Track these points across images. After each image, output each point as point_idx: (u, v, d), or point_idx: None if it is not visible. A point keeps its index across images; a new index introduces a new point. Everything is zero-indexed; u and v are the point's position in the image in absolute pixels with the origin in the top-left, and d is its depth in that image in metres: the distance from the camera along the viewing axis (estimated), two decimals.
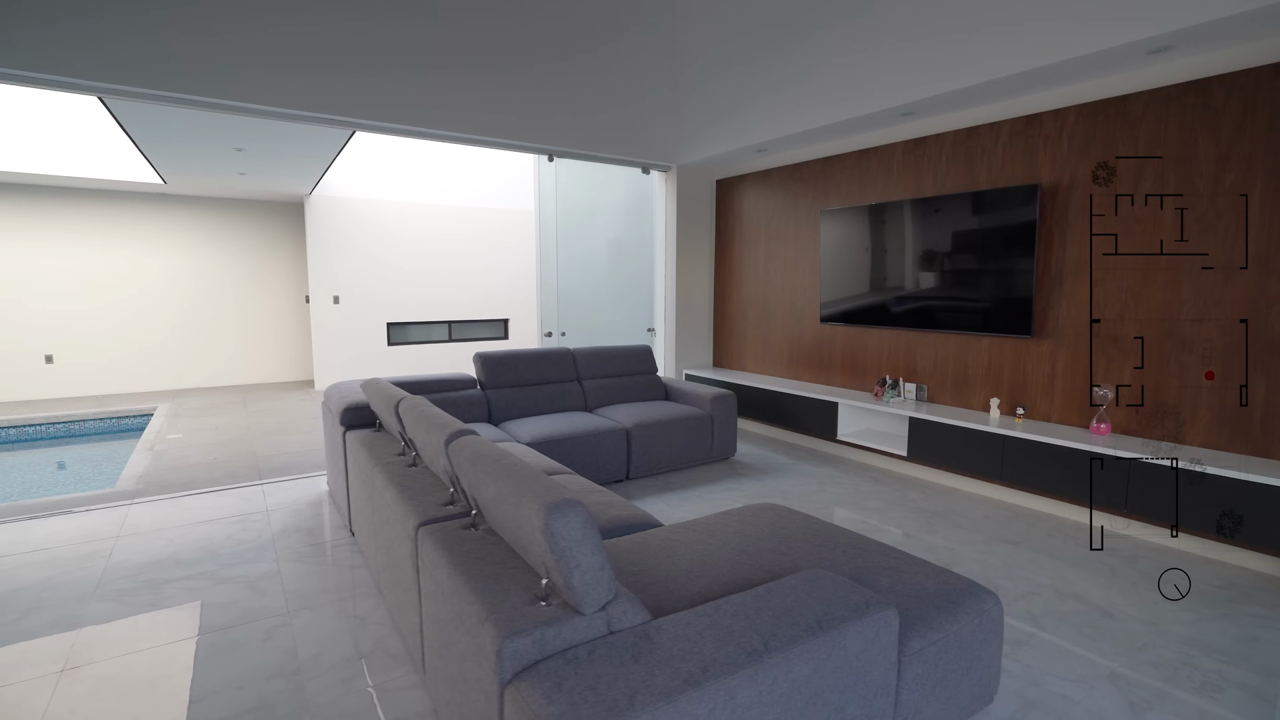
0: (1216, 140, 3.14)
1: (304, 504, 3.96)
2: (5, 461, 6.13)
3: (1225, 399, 3.17)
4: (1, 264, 7.35)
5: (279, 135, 5.18)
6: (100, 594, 2.79)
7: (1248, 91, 3.03)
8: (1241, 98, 3.05)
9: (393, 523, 2.29)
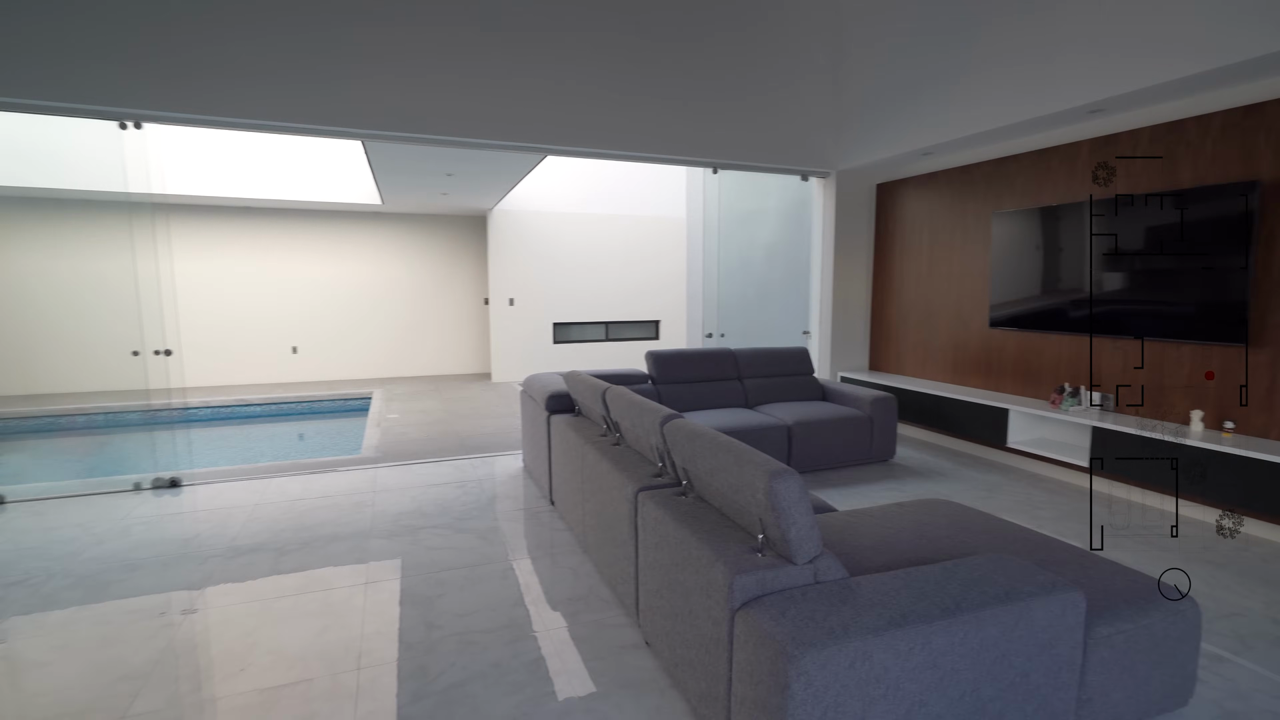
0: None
1: (505, 477, 4.66)
2: (265, 430, 7.68)
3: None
4: (262, 272, 9.15)
5: (483, 161, 6.05)
6: (375, 533, 3.58)
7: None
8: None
9: (608, 490, 2.76)
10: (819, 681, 1.46)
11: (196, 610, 2.73)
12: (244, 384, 9.13)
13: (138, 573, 3.10)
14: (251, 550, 3.34)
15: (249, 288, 9.09)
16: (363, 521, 3.75)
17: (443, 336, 10.24)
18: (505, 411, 7.12)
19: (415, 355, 10.11)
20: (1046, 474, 4.59)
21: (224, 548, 3.38)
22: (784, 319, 6.65)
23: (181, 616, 2.68)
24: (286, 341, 9.38)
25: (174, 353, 4.76)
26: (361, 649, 2.42)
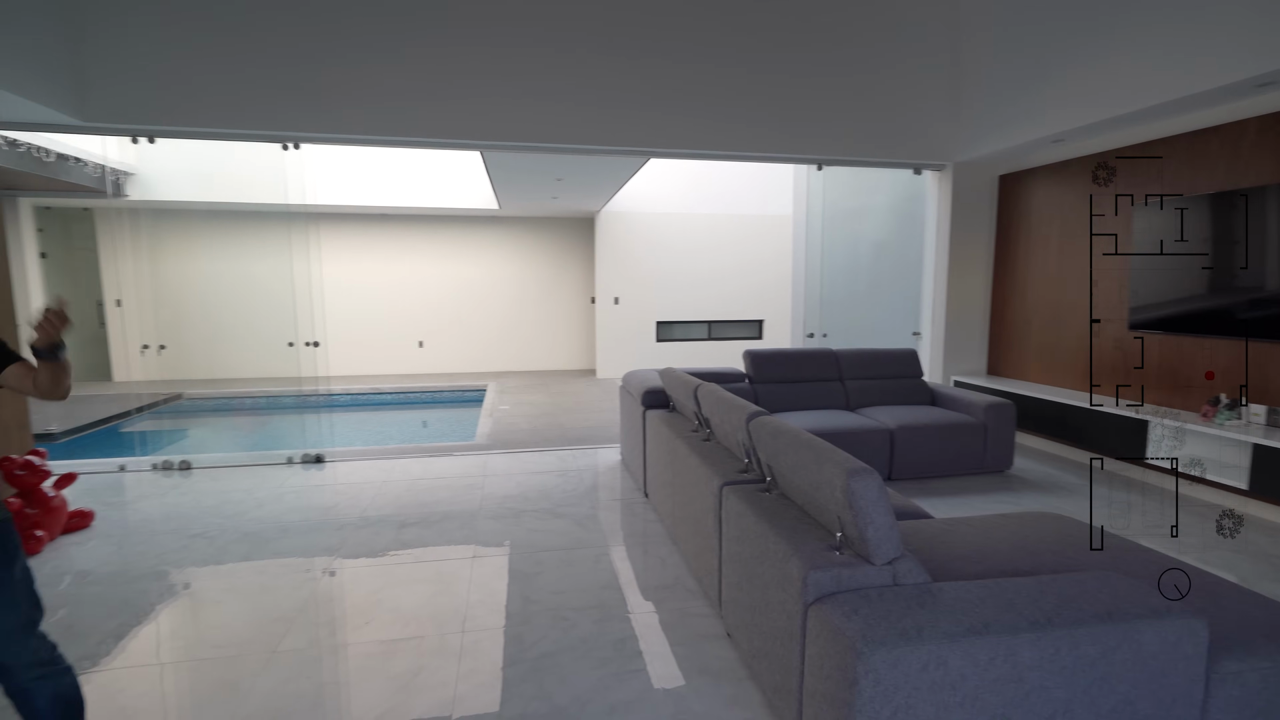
0: None
1: (603, 468, 4.85)
2: (393, 416, 8.45)
3: None
4: (395, 273, 10.07)
5: (590, 165, 6.31)
6: (483, 514, 3.88)
7: None
8: None
9: (696, 483, 2.84)
10: (888, 680, 1.46)
11: (334, 571, 3.12)
12: (377, 374, 10.09)
13: (289, 534, 3.58)
14: (378, 521, 3.75)
15: (383, 287, 10.05)
16: (473, 502, 4.08)
17: (552, 334, 10.74)
18: (607, 406, 7.38)
19: (526, 351, 10.69)
20: (1193, 495, 4.09)
21: (356, 517, 3.81)
22: (891, 319, 6.37)
23: (321, 574, 3.08)
24: (414, 336, 10.26)
25: (321, 344, 5.42)
26: (466, 614, 2.67)
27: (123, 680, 2.26)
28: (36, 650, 1.63)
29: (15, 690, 1.61)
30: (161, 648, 2.48)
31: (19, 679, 1.60)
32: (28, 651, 1.60)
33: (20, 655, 1.59)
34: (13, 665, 1.58)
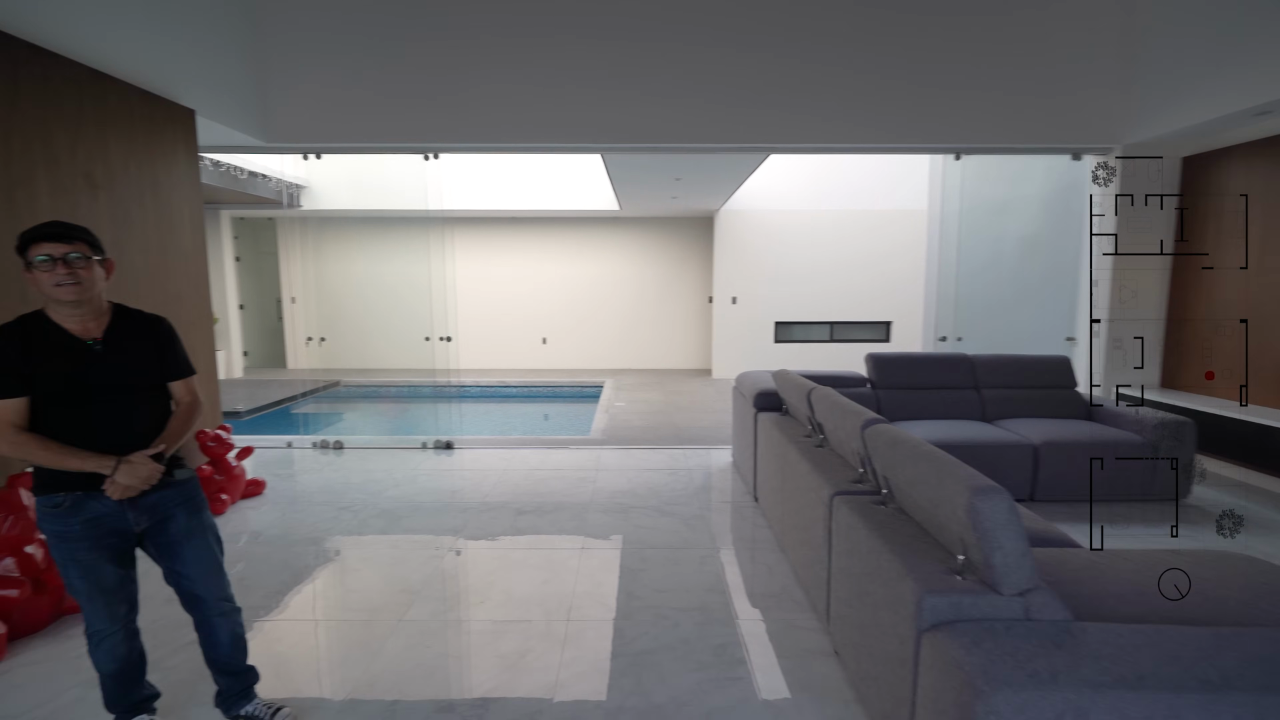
0: None
1: (714, 469, 4.80)
2: (518, 409, 8.91)
3: None
4: (520, 273, 10.62)
5: (710, 164, 6.26)
6: (593, 507, 3.99)
7: None
8: None
9: (806, 491, 2.72)
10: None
11: (457, 550, 3.35)
12: (504, 368, 10.71)
13: (419, 512, 3.89)
14: (498, 507, 3.97)
15: (511, 286, 10.64)
16: (584, 495, 4.20)
17: (669, 333, 10.82)
18: (721, 407, 7.30)
19: (643, 349, 10.85)
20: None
21: (478, 502, 4.07)
22: (1040, 323, 5.73)
23: (445, 552, 3.31)
24: (538, 333, 10.78)
25: (453, 339, 5.84)
26: (572, 604, 2.75)
27: (280, 630, 2.57)
28: (223, 587, 1.91)
29: (202, 621, 1.90)
30: (310, 606, 2.79)
31: (208, 611, 1.88)
32: (219, 586, 1.90)
33: (213, 589, 1.88)
34: (206, 598, 1.87)
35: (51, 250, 1.60)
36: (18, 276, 2.88)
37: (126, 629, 1.82)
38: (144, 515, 1.75)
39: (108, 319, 1.73)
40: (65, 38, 3.03)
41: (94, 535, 1.69)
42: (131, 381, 1.74)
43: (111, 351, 1.71)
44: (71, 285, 1.61)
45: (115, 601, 1.77)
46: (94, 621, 1.77)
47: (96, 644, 1.79)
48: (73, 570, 1.70)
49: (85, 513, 1.67)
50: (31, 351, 1.61)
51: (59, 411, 1.64)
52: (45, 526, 1.69)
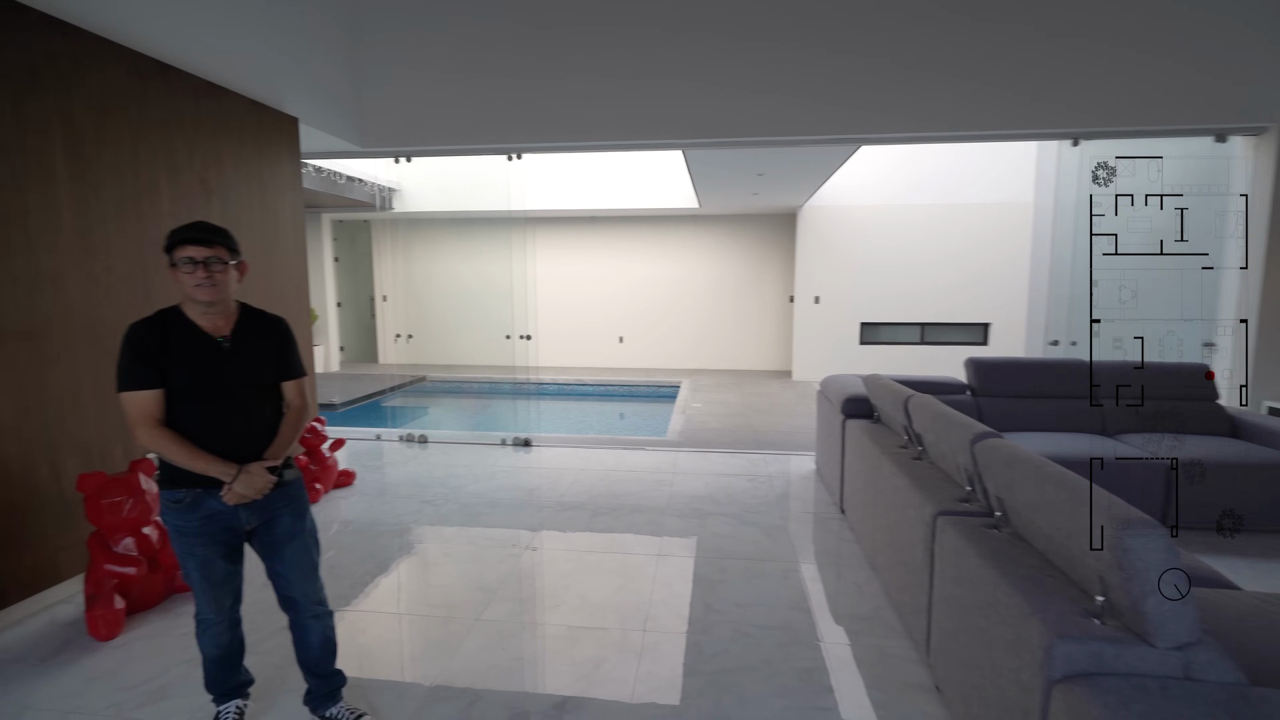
0: None
1: (796, 477, 4.59)
2: (595, 408, 8.95)
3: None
4: (599, 272, 10.67)
5: (792, 158, 6.02)
6: (669, 511, 3.89)
7: None
8: None
9: (903, 507, 2.50)
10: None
11: (533, 549, 3.34)
12: (582, 367, 10.81)
13: (498, 509, 3.93)
14: (574, 507, 3.95)
15: (589, 285, 10.71)
16: (661, 498, 4.11)
17: (748, 333, 10.57)
18: (802, 411, 7.02)
19: (721, 349, 10.65)
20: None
21: (554, 501, 4.06)
22: (1170, 326, 5.11)
23: (522, 550, 3.31)
24: (616, 332, 10.80)
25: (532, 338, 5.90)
26: (648, 614, 2.66)
27: (364, 621, 2.63)
28: (318, 590, 1.95)
29: (296, 623, 1.94)
30: (393, 598, 2.84)
31: (301, 614, 1.92)
32: (313, 590, 1.93)
33: (308, 593, 1.91)
34: (301, 601, 1.90)
35: (194, 253, 1.67)
36: (144, 274, 3.13)
37: (230, 619, 1.91)
38: (254, 515, 1.81)
39: (235, 318, 1.80)
40: (187, 54, 3.24)
41: (209, 531, 1.77)
42: (253, 379, 1.80)
43: (237, 349, 1.77)
44: (209, 287, 1.68)
45: (222, 594, 1.85)
46: (203, 610, 1.86)
47: (203, 630, 1.88)
48: (189, 562, 1.79)
49: (203, 510, 1.74)
50: (169, 345, 1.68)
51: (183, 406, 1.70)
52: (167, 520, 1.77)
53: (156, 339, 1.67)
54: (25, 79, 2.59)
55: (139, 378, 1.65)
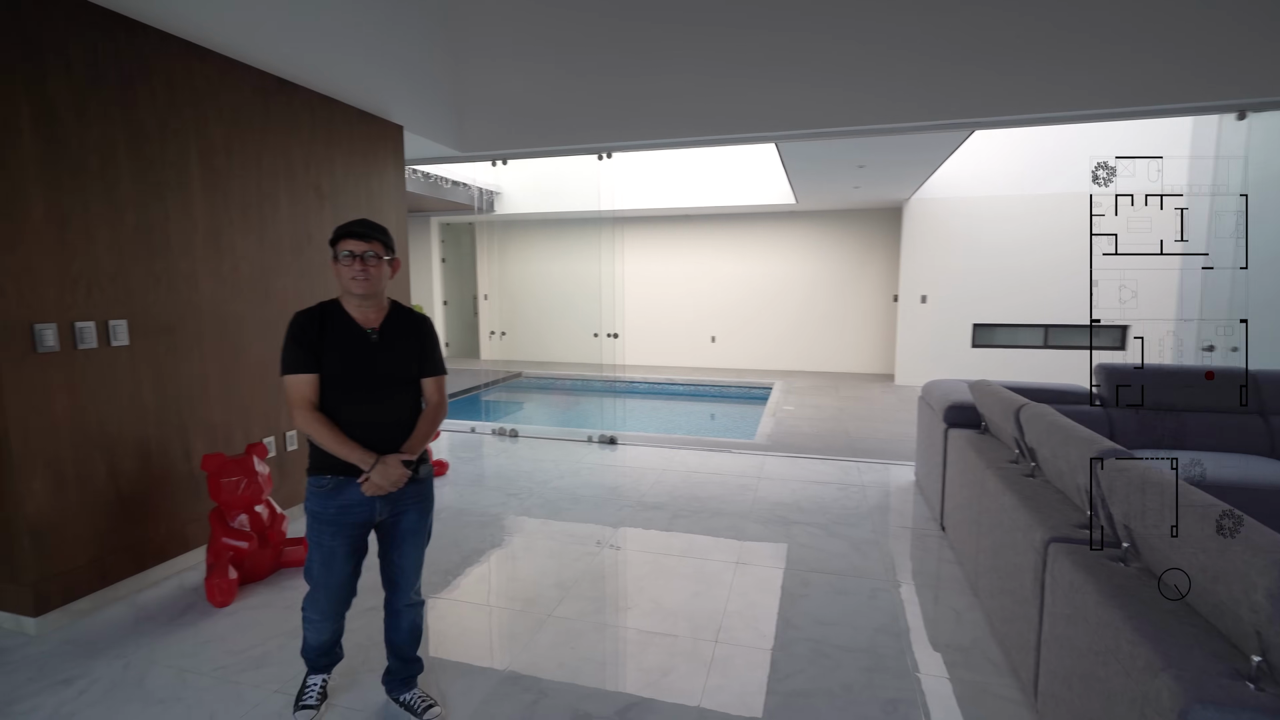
0: None
1: (892, 488, 4.28)
2: (684, 408, 8.87)
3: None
4: (691, 270, 10.57)
5: (899, 148, 5.64)
6: (752, 517, 3.74)
7: None
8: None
9: (1009, 530, 2.24)
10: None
11: (610, 549, 3.33)
12: (672, 366, 10.76)
13: (579, 505, 3.96)
14: (654, 507, 3.90)
15: (681, 284, 10.63)
16: (744, 503, 3.97)
17: (846, 333, 10.09)
18: (904, 418, 6.58)
19: (818, 350, 10.23)
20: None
21: (635, 501, 4.03)
22: None
23: (598, 548, 3.30)
24: (707, 331, 10.66)
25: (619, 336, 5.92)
26: (722, 624, 2.56)
27: (443, 608, 2.72)
28: (418, 583, 2.02)
29: (393, 608, 2.01)
30: (471, 588, 2.92)
31: (400, 601, 2.00)
32: (417, 581, 2.02)
33: (413, 583, 2.00)
34: (405, 589, 1.98)
35: (354, 247, 1.78)
36: (265, 274, 3.42)
37: (336, 621, 1.99)
38: (387, 506, 1.88)
39: (385, 313, 1.89)
40: (305, 70, 3.51)
41: (342, 521, 1.84)
42: (398, 373, 1.87)
43: (386, 343, 1.86)
44: (364, 280, 1.78)
45: (336, 600, 1.93)
46: (313, 606, 1.94)
47: (308, 622, 1.97)
48: (315, 555, 1.88)
49: (342, 498, 1.82)
50: (325, 334, 1.79)
51: (332, 392, 1.79)
52: (308, 504, 1.86)
53: (315, 327, 1.78)
54: (168, 99, 2.90)
55: (298, 362, 1.77)
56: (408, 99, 4.36)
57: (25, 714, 2.04)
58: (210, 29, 2.95)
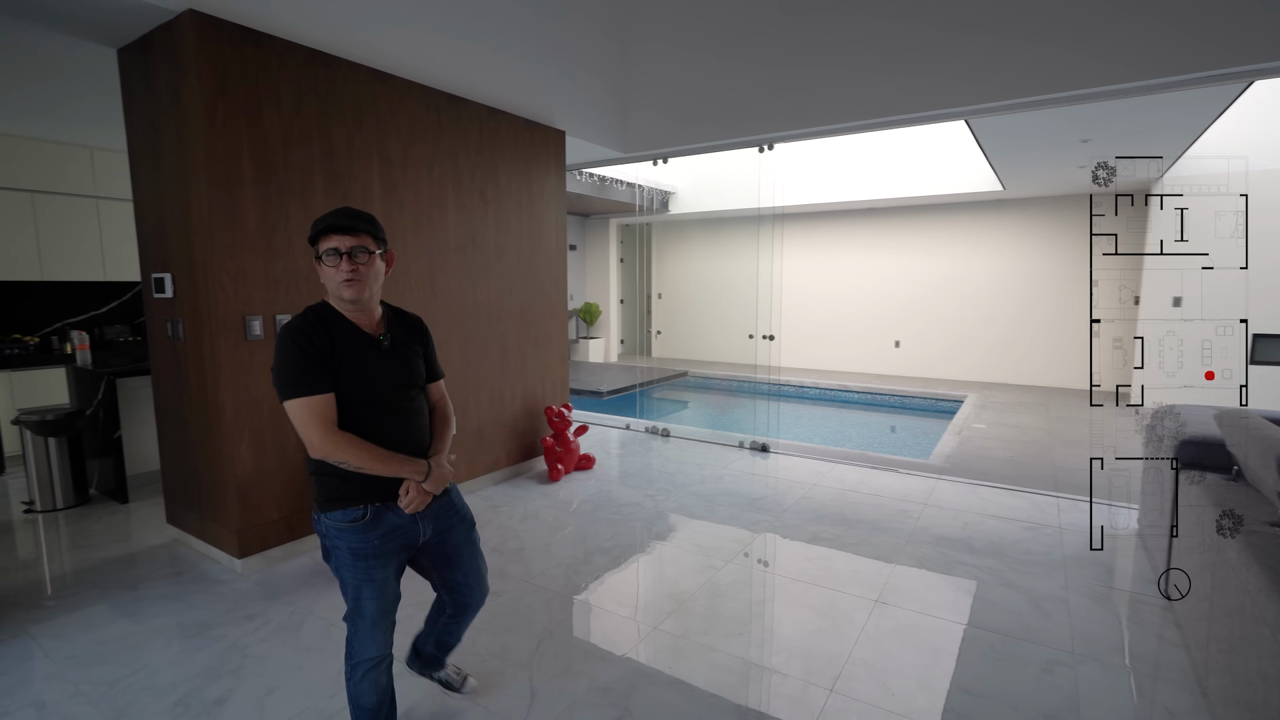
0: None
1: (1108, 535, 3.46)
2: (859, 418, 8.16)
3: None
4: (871, 268, 9.69)
5: (1140, 113, 4.56)
6: (907, 549, 3.26)
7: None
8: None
9: (1255, 621, 1.63)
10: None
11: (733, 565, 3.12)
12: (841, 371, 9.98)
13: (714, 514, 3.79)
14: (793, 526, 3.59)
15: (856, 282, 9.79)
16: (900, 532, 3.49)
17: (1066, 342, 8.51)
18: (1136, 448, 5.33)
19: (1027, 361, 8.78)
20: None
21: (774, 515, 3.75)
22: None
23: (722, 564, 3.11)
24: (889, 335, 9.71)
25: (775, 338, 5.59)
26: (843, 670, 2.23)
27: (555, 603, 2.74)
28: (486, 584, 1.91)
29: (460, 621, 1.90)
30: (586, 586, 2.90)
31: (470, 615, 1.90)
32: (486, 588, 1.91)
33: (485, 591, 1.90)
34: (475, 607, 1.89)
35: (338, 243, 1.53)
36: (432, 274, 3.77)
37: (389, 649, 1.71)
38: (430, 525, 1.69)
39: (381, 314, 1.67)
40: (474, 85, 3.80)
41: (388, 550, 1.62)
42: (413, 380, 1.68)
43: (395, 349, 1.65)
44: (356, 282, 1.54)
45: (391, 625, 1.70)
46: (367, 648, 1.65)
47: (363, 674, 1.66)
48: (367, 591, 1.61)
49: (383, 525, 1.60)
50: (336, 345, 1.54)
51: (357, 410, 1.56)
52: (342, 543, 1.59)
53: (324, 339, 1.53)
54: (355, 120, 3.31)
55: (312, 382, 1.49)
56: (571, 106, 4.52)
57: (217, 639, 2.45)
58: (391, 55, 3.30)
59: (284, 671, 2.24)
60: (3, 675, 2.22)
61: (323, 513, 1.59)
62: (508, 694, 2.11)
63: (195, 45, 2.67)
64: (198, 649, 2.39)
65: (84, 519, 3.72)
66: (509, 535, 3.46)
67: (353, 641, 1.66)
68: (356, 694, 1.67)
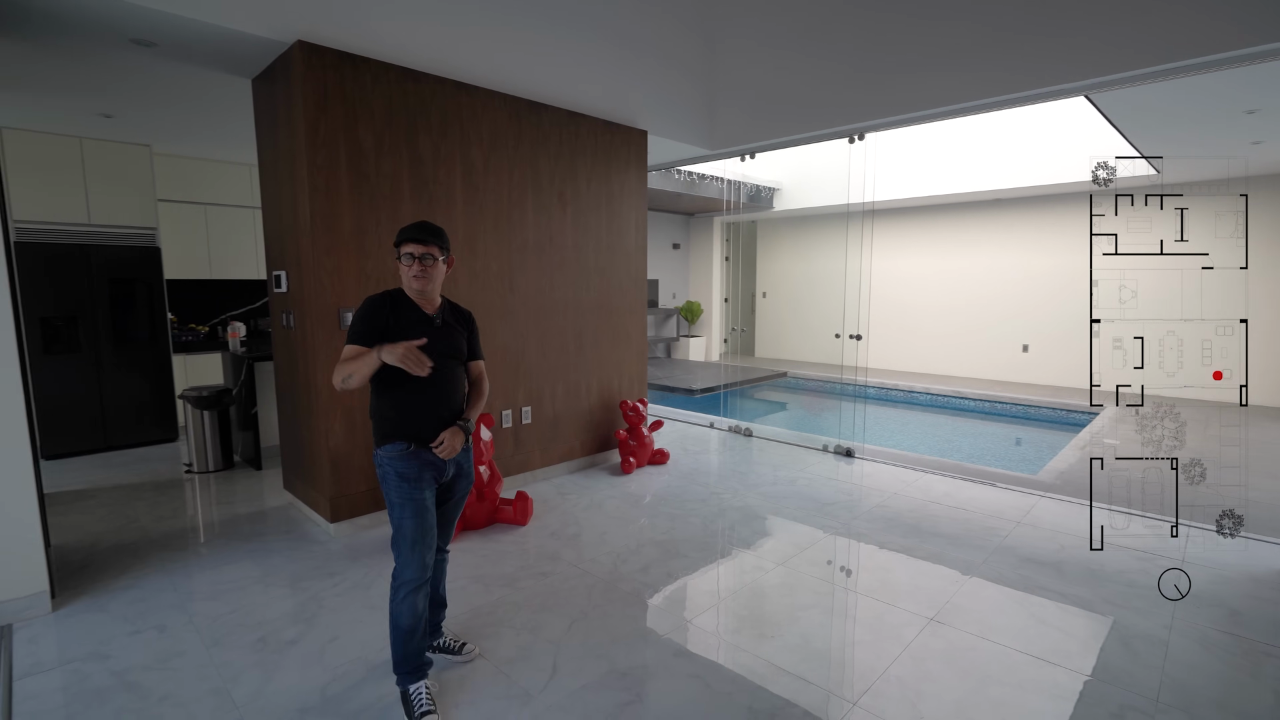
0: None
1: (1247, 576, 2.96)
2: (979, 428, 7.50)
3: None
4: (999, 266, 8.83)
5: None
6: (984, 568, 2.99)
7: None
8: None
9: None
10: None
11: (785, 568, 3.03)
12: (958, 376, 9.18)
13: (778, 515, 3.69)
14: (862, 534, 3.41)
15: (975, 281, 8.98)
16: (980, 549, 3.20)
17: (1242, 345, 7.25)
18: None
19: (1185, 368, 7.59)
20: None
21: (843, 522, 3.58)
22: None
23: (772, 567, 3.03)
24: (1016, 339, 8.81)
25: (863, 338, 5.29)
26: (872, 686, 2.11)
27: (595, 591, 2.82)
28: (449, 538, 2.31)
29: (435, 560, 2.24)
30: (630, 579, 2.95)
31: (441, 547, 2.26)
32: (448, 538, 2.29)
33: (448, 538, 2.28)
34: (447, 536, 2.27)
35: (413, 250, 2.02)
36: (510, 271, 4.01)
37: (430, 576, 2.06)
38: (452, 466, 2.12)
39: (440, 304, 2.14)
40: (553, 91, 3.98)
41: (426, 477, 2.03)
42: (455, 353, 2.13)
43: (444, 327, 2.11)
44: (422, 278, 2.03)
45: (430, 548, 2.05)
46: (407, 569, 2.00)
47: (405, 596, 1.99)
48: (408, 511, 2.00)
49: (423, 456, 2.03)
50: (397, 319, 2.02)
51: (405, 371, 1.94)
52: (394, 469, 2.00)
53: (388, 312, 2.01)
54: (440, 130, 3.60)
55: (362, 336, 1.97)
56: (654, 105, 4.59)
57: (302, 590, 2.79)
58: (474, 67, 3.55)
59: (348, 624, 2.51)
60: (142, 600, 2.69)
61: (379, 447, 2.04)
62: (531, 666, 2.22)
63: (303, 70, 3.06)
64: (286, 596, 2.74)
65: (227, 481, 4.36)
66: (569, 521, 3.60)
67: (397, 564, 2.03)
68: (396, 614, 2.01)
